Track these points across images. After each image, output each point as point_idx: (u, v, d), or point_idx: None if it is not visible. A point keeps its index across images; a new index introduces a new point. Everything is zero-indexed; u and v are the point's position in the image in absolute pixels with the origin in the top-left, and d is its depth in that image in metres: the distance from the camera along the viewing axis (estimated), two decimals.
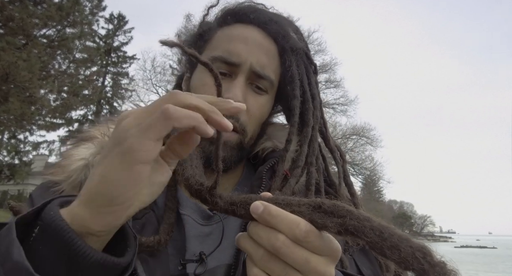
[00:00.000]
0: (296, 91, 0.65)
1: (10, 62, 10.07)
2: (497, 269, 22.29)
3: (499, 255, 37.66)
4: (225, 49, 0.61)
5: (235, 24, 0.65)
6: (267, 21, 0.64)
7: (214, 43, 0.65)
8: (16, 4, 11.30)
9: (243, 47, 0.61)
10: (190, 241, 0.56)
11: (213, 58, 0.61)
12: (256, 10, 0.66)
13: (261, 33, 0.64)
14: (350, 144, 25.41)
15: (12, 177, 15.47)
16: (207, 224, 0.59)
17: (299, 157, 0.63)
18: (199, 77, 0.64)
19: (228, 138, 0.60)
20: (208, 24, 0.69)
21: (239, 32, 0.63)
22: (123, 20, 28.46)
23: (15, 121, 12.42)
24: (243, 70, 0.61)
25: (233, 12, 0.66)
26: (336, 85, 23.77)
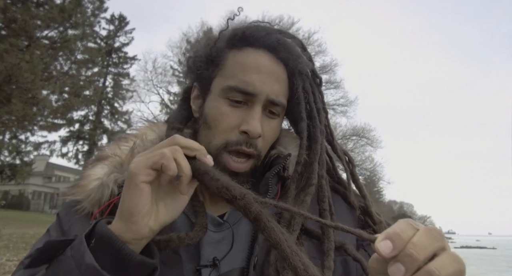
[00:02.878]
0: (303, 114, 0.68)
1: (13, 63, 10.12)
2: (497, 270, 22.33)
3: (499, 255, 37.67)
4: (241, 79, 0.62)
5: (245, 47, 0.65)
6: (276, 45, 0.65)
7: (228, 70, 0.64)
8: (19, 6, 11.35)
9: (258, 77, 0.62)
10: (204, 248, 0.60)
11: (229, 87, 0.63)
12: (267, 33, 0.66)
13: (271, 58, 0.65)
14: (350, 145, 25.44)
15: (13, 177, 15.52)
16: (218, 231, 0.63)
17: (312, 175, 0.64)
18: (216, 106, 0.64)
19: (246, 168, 0.63)
20: (218, 47, 0.67)
21: (252, 60, 0.64)
22: (124, 21, 28.52)
23: (17, 121, 12.47)
24: (259, 100, 0.63)
25: (243, 36, 0.66)
26: (336, 86, 23.80)
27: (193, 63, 0.70)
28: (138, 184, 0.48)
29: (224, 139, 0.63)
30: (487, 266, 24.16)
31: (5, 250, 7.82)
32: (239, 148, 0.62)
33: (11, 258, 7.02)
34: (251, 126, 0.61)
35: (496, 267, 24.15)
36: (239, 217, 0.65)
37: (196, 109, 0.70)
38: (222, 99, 0.63)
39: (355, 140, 25.15)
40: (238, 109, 0.63)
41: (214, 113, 0.64)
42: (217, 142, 0.63)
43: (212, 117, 0.64)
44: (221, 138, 0.63)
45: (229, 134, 0.63)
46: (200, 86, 0.69)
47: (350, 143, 25.31)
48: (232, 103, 0.63)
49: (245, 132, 0.62)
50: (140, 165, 0.48)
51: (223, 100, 0.63)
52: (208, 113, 0.65)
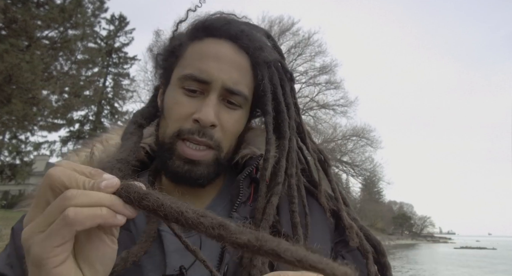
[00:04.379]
0: (267, 107, 0.64)
1: (13, 63, 10.12)
2: (496, 270, 22.32)
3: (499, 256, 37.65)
4: (196, 67, 0.60)
5: (206, 38, 0.63)
6: (238, 34, 0.62)
7: (186, 60, 0.63)
8: (19, 6, 11.36)
9: (215, 65, 0.60)
10: (169, 256, 0.57)
11: (184, 76, 0.60)
12: (227, 23, 0.63)
13: (233, 47, 0.62)
14: (350, 145, 25.49)
15: (13, 177, 15.50)
16: (186, 237, 0.57)
17: (278, 172, 0.62)
18: (172, 95, 0.62)
19: (204, 157, 0.60)
20: (179, 39, 0.66)
21: (211, 49, 0.61)
22: (124, 21, 28.50)
23: (17, 122, 12.47)
24: (214, 88, 0.60)
25: (203, 26, 0.64)
26: (336, 86, 23.85)
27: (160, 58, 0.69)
28: (51, 270, 0.35)
29: (177, 127, 0.60)
30: (487, 267, 24.14)
31: None
32: (192, 137, 0.59)
33: None
34: (202, 114, 0.58)
35: (496, 267, 24.14)
36: None
37: (160, 103, 0.69)
38: (178, 89, 0.62)
39: (355, 141, 25.18)
40: (194, 99, 0.61)
41: (170, 102, 0.62)
42: (170, 130, 0.61)
43: (167, 106, 0.63)
44: (174, 127, 0.60)
45: (183, 123, 0.60)
46: (164, 80, 0.68)
47: (350, 144, 25.34)
48: (188, 92, 0.61)
49: (197, 121, 0.59)
50: (47, 243, 0.35)
51: (179, 90, 0.62)
52: (166, 102, 0.64)
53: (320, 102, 24.27)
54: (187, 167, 0.59)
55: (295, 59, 24.21)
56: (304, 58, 24.27)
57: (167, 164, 0.60)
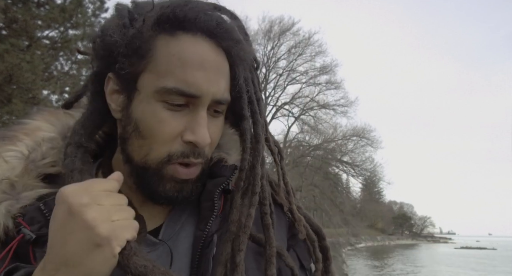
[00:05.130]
0: (244, 111, 0.59)
1: (13, 63, 10.13)
2: (497, 270, 22.32)
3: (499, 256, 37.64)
4: (181, 79, 0.50)
5: (178, 33, 0.51)
6: (216, 29, 0.52)
7: (161, 66, 0.51)
8: (20, 6, 11.37)
9: (202, 75, 0.51)
10: None
11: (167, 89, 0.50)
12: (202, 13, 0.52)
13: (212, 47, 0.52)
14: (350, 145, 25.52)
15: None
16: (153, 250, 0.54)
17: (255, 182, 0.57)
18: (151, 111, 0.51)
19: (195, 174, 0.55)
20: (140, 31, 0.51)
21: (192, 53, 0.51)
22: None
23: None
24: (204, 102, 0.52)
25: (174, 17, 0.51)
26: (337, 87, 23.87)
27: (104, 48, 0.53)
28: (115, 255, 0.40)
29: (166, 151, 0.52)
30: (487, 267, 24.13)
31: None
32: (186, 160, 0.53)
33: None
34: (199, 137, 0.51)
35: (496, 267, 24.13)
36: (176, 229, 0.57)
37: (117, 108, 0.55)
38: (158, 103, 0.51)
39: (355, 141, 25.21)
40: (179, 113, 0.52)
41: (150, 120, 0.51)
42: (157, 155, 0.52)
43: (147, 125, 0.51)
44: (162, 151, 0.52)
45: (172, 145, 0.52)
46: (119, 80, 0.54)
47: (350, 144, 25.37)
48: (171, 107, 0.51)
49: (191, 142, 0.52)
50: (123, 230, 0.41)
51: (160, 104, 0.51)
52: (141, 119, 0.52)
53: (320, 102, 24.32)
54: (178, 186, 0.54)
55: (296, 59, 24.25)
56: (304, 58, 24.34)
57: (154, 188, 0.53)
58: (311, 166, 24.10)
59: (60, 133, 0.58)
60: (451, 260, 30.14)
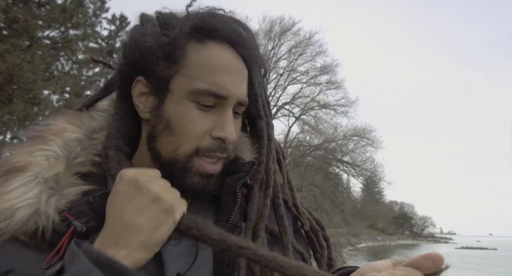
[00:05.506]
0: (261, 112, 0.66)
1: (14, 63, 10.14)
2: (498, 271, 22.29)
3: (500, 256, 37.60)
4: (212, 82, 0.56)
5: (207, 41, 0.58)
6: (238, 39, 0.59)
7: (193, 70, 0.57)
8: (20, 6, 11.38)
9: (229, 79, 0.57)
10: (167, 265, 0.56)
11: (200, 91, 0.56)
12: (227, 25, 0.59)
13: (235, 54, 0.59)
14: (351, 145, 25.47)
15: None
16: (178, 243, 0.58)
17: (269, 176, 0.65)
18: (183, 110, 0.57)
19: (219, 169, 0.60)
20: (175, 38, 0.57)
21: (220, 59, 0.57)
22: (125, 21, 28.52)
23: (18, 121, 12.50)
24: (230, 103, 0.58)
25: (207, 27, 0.57)
26: (337, 87, 23.82)
27: (137, 53, 0.58)
28: (175, 221, 0.48)
29: (194, 145, 0.57)
30: (488, 267, 24.10)
31: None
32: (213, 154, 0.58)
33: None
34: (227, 133, 0.58)
35: (497, 268, 24.10)
36: None
37: (145, 109, 0.60)
38: (190, 103, 0.57)
39: (356, 141, 25.16)
40: (208, 113, 0.58)
41: (182, 119, 0.57)
42: (186, 149, 0.57)
43: (179, 123, 0.57)
44: (191, 145, 0.57)
45: (200, 140, 0.58)
46: (150, 83, 0.59)
47: (351, 144, 25.33)
48: (202, 107, 0.57)
49: (219, 138, 0.58)
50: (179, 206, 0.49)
51: (192, 104, 0.57)
52: (174, 117, 0.57)
53: (321, 102, 24.27)
54: (204, 180, 0.59)
55: (296, 59, 24.22)
56: (305, 58, 24.27)
57: (181, 181, 0.58)
58: (311, 166, 24.10)
59: (85, 134, 0.62)
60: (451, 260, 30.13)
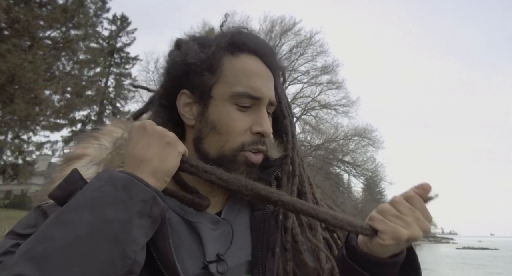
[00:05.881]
0: (285, 112, 0.77)
1: (16, 64, 10.15)
2: (499, 271, 22.24)
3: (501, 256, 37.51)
4: (248, 85, 0.67)
5: (239, 53, 0.69)
6: (264, 51, 0.71)
7: (231, 77, 0.68)
8: (22, 6, 11.40)
9: (261, 83, 0.68)
10: (206, 246, 0.64)
11: (238, 94, 0.67)
12: (255, 40, 0.72)
13: (262, 63, 0.70)
14: (352, 145, 25.40)
15: (15, 177, 15.52)
16: (216, 228, 0.67)
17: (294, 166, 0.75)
18: (226, 112, 0.67)
19: (258, 160, 0.70)
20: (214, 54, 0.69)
21: (252, 66, 0.69)
22: (126, 21, 28.54)
23: (20, 121, 12.52)
24: (264, 103, 0.69)
25: (239, 42, 0.70)
26: (338, 86, 23.75)
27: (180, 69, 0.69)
28: (180, 152, 0.60)
29: (239, 141, 0.67)
30: (490, 268, 24.06)
31: None
32: (256, 147, 0.68)
33: None
34: (265, 128, 0.68)
35: (498, 268, 24.05)
36: (235, 213, 0.71)
37: (191, 117, 0.70)
38: (231, 105, 0.67)
39: (356, 141, 25.09)
40: (246, 113, 0.68)
41: (225, 119, 0.67)
42: (232, 145, 0.67)
43: (223, 123, 0.67)
44: (236, 141, 0.67)
45: (243, 137, 0.68)
46: (193, 93, 0.69)
47: (352, 144, 25.27)
48: (241, 108, 0.68)
49: (258, 133, 0.68)
50: (180, 143, 0.61)
51: (232, 106, 0.67)
52: (218, 119, 0.67)
53: (321, 102, 24.23)
54: (249, 169, 0.68)
55: (297, 59, 24.19)
56: (305, 58, 24.23)
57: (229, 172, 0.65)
58: (312, 166, 24.07)
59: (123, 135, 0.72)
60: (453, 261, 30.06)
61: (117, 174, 0.54)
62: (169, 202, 0.61)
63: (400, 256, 0.60)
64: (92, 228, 0.47)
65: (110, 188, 0.51)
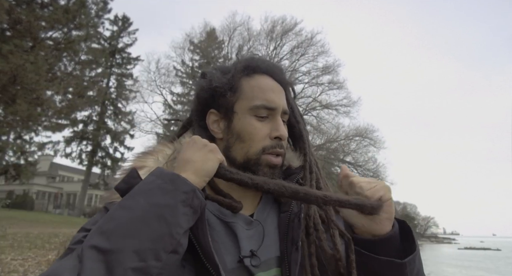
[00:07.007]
0: (298, 118, 0.91)
1: (17, 64, 10.18)
2: (501, 271, 22.16)
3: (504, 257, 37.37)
4: (263, 98, 0.80)
5: (253, 74, 0.83)
6: (272, 70, 0.85)
7: (248, 93, 0.81)
8: (24, 7, 11.44)
9: (275, 95, 0.81)
10: (242, 242, 0.74)
11: (256, 106, 0.80)
12: (265, 63, 0.85)
13: (274, 80, 0.84)
14: (353, 146, 25.36)
15: (17, 177, 15.57)
16: (250, 228, 0.77)
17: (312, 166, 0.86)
18: (247, 123, 0.80)
19: (279, 162, 0.80)
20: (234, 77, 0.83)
21: (265, 83, 0.82)
22: (128, 22, 28.60)
23: (22, 122, 12.55)
24: (278, 112, 0.81)
25: (253, 66, 0.84)
26: (339, 87, 23.70)
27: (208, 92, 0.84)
28: (218, 159, 0.71)
29: (261, 146, 0.78)
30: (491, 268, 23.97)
31: (10, 249, 7.87)
32: (276, 150, 0.79)
33: (16, 257, 7.06)
34: (281, 132, 0.79)
35: (500, 268, 23.96)
36: (265, 215, 0.81)
37: (219, 131, 0.83)
38: (251, 117, 0.79)
39: (358, 141, 25.06)
40: (264, 122, 0.80)
41: (248, 128, 0.79)
42: (255, 149, 0.78)
43: (246, 132, 0.79)
44: (258, 146, 0.78)
45: (264, 142, 0.79)
46: (219, 111, 0.83)
47: (353, 144, 25.23)
48: (259, 118, 0.80)
49: (276, 137, 0.79)
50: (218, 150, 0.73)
51: (252, 117, 0.79)
52: (241, 129, 0.80)
53: (323, 102, 24.21)
54: (271, 171, 0.78)
55: (298, 59, 24.18)
56: (307, 58, 24.20)
57: (255, 174, 0.77)
58: None
59: (174, 151, 0.86)
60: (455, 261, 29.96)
61: (166, 170, 0.65)
62: (209, 206, 0.75)
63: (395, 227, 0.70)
64: (146, 211, 0.59)
65: (160, 181, 0.63)
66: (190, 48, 23.87)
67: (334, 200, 0.66)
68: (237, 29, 23.58)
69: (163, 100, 22.90)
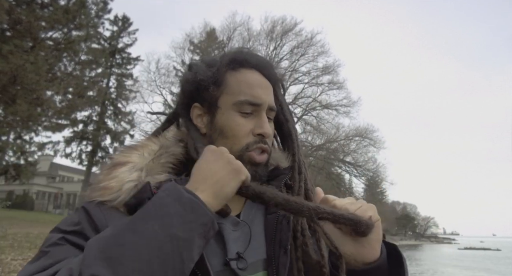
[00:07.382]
0: (287, 116, 0.87)
1: (18, 64, 10.18)
2: (501, 271, 22.16)
3: (504, 257, 37.37)
4: (249, 94, 0.76)
5: (240, 68, 0.79)
6: (261, 64, 0.81)
7: (234, 88, 0.77)
8: (24, 8, 11.44)
9: (261, 91, 0.78)
10: (229, 244, 0.71)
11: (240, 102, 0.76)
12: (253, 57, 0.81)
13: (262, 75, 0.80)
14: (353, 146, 25.37)
15: (17, 177, 15.57)
16: (236, 229, 0.74)
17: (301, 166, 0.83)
18: (231, 118, 0.76)
19: (262, 160, 0.77)
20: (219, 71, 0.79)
21: (252, 78, 0.78)
22: (128, 22, 28.60)
23: (22, 122, 12.55)
24: (263, 108, 0.78)
25: (239, 60, 0.80)
26: (339, 87, 23.73)
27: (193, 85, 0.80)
28: (241, 180, 0.64)
29: (244, 142, 0.75)
30: (491, 268, 23.97)
31: (10, 250, 7.87)
32: (260, 145, 0.76)
33: (16, 257, 7.06)
34: (265, 129, 0.76)
35: (500, 268, 23.96)
36: (250, 216, 0.78)
37: (202, 126, 0.80)
38: (234, 112, 0.76)
39: (358, 141, 25.06)
40: (248, 118, 0.77)
41: (230, 125, 0.76)
42: (238, 146, 0.75)
43: (229, 128, 0.76)
44: (241, 143, 0.75)
45: (247, 138, 0.76)
46: (203, 106, 0.80)
47: (353, 144, 25.24)
48: (243, 114, 0.76)
49: (260, 134, 0.76)
50: (244, 170, 0.66)
51: (236, 113, 0.76)
52: (224, 125, 0.77)
53: (323, 102, 24.22)
54: (254, 168, 0.75)
55: (298, 60, 24.19)
56: (306, 58, 24.23)
57: None
58: (313, 167, 24.05)
59: (161, 147, 0.81)
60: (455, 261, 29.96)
61: (183, 191, 0.59)
62: None
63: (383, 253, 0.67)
64: (162, 242, 0.53)
65: (179, 208, 0.57)
66: (190, 48, 23.89)
67: (327, 212, 0.62)
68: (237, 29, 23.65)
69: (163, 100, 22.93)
